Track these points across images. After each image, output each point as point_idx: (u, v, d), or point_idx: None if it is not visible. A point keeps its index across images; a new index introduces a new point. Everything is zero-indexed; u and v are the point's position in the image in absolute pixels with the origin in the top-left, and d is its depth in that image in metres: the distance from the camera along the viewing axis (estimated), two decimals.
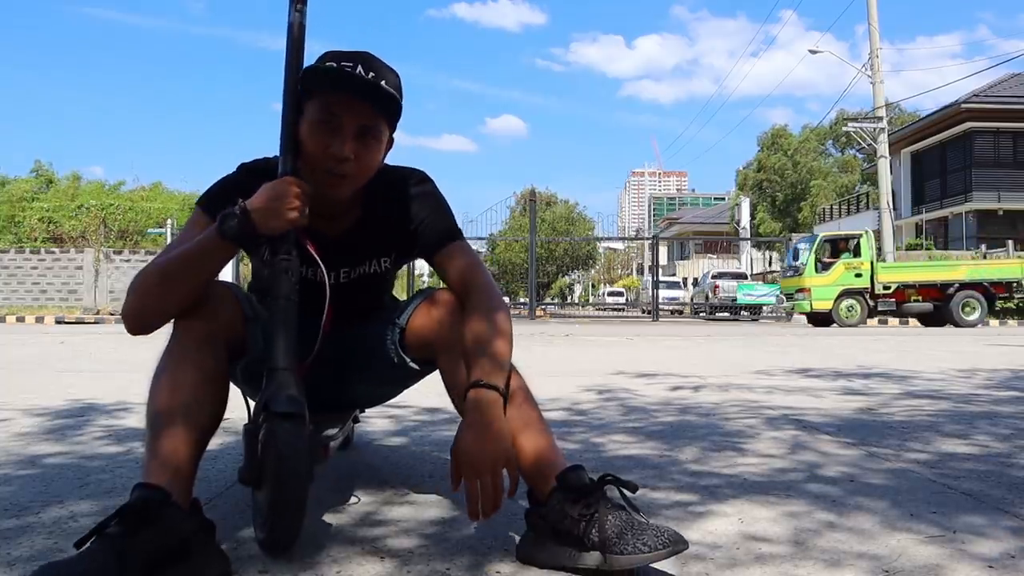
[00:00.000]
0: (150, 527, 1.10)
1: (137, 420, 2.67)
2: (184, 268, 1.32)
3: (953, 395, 3.53)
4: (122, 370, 4.85)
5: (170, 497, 1.15)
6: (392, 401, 1.89)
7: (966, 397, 3.46)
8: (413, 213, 1.53)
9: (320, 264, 1.43)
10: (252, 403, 1.36)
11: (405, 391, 1.78)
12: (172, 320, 1.36)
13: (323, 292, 1.44)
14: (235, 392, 1.58)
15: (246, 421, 1.29)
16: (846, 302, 15.20)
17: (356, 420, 2.02)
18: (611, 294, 42.24)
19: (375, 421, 2.61)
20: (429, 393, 1.78)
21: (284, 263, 1.31)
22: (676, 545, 1.17)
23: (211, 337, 1.34)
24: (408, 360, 1.53)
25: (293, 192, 1.30)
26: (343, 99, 1.37)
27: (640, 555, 1.16)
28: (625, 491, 1.26)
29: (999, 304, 16.28)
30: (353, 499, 1.64)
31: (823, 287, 15.23)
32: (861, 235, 15.77)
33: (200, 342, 1.33)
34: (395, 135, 1.49)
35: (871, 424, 2.68)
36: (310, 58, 1.42)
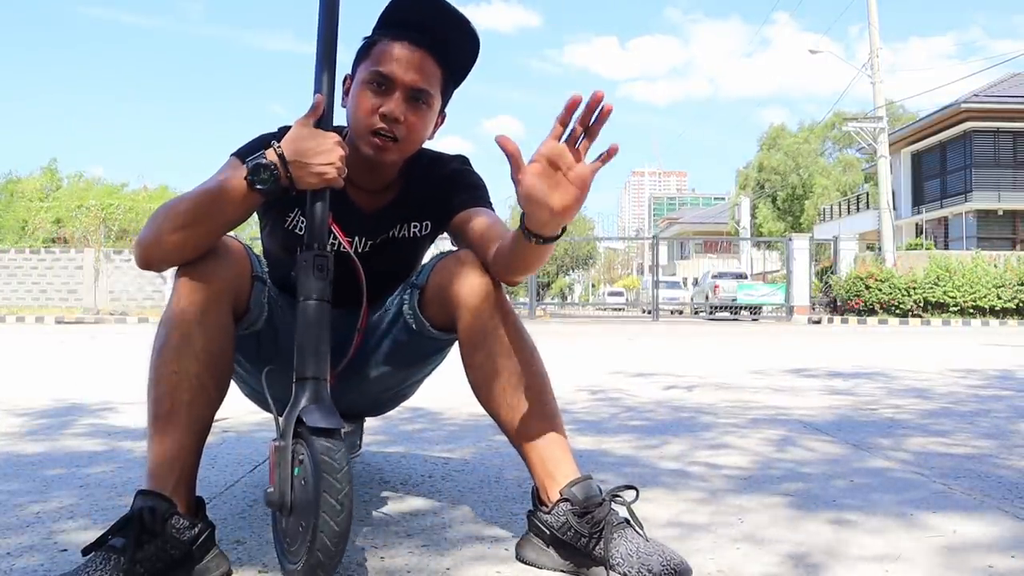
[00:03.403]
0: (154, 540, 1.09)
1: (128, 419, 2.67)
2: (201, 210, 1.21)
3: (949, 394, 3.53)
4: (120, 370, 4.85)
5: (175, 507, 1.14)
6: None
7: (962, 396, 3.46)
8: (449, 183, 1.49)
9: (357, 262, 1.36)
10: (264, 411, 1.28)
11: (406, 400, 1.75)
12: (175, 275, 1.25)
13: (345, 275, 1.34)
14: (231, 391, 1.57)
15: (274, 437, 1.16)
16: None
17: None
18: (611, 294, 42.21)
19: (368, 422, 2.61)
20: (417, 393, 1.77)
21: (319, 260, 1.19)
22: (681, 573, 1.15)
23: (216, 302, 1.24)
24: (427, 324, 1.40)
25: (337, 150, 1.20)
26: (396, 64, 1.34)
27: (650, 566, 1.14)
28: (631, 508, 1.23)
29: None
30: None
31: None
32: None
33: (204, 312, 1.22)
34: None
35: (869, 424, 2.68)
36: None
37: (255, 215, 1.39)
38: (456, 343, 1.40)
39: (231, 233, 1.31)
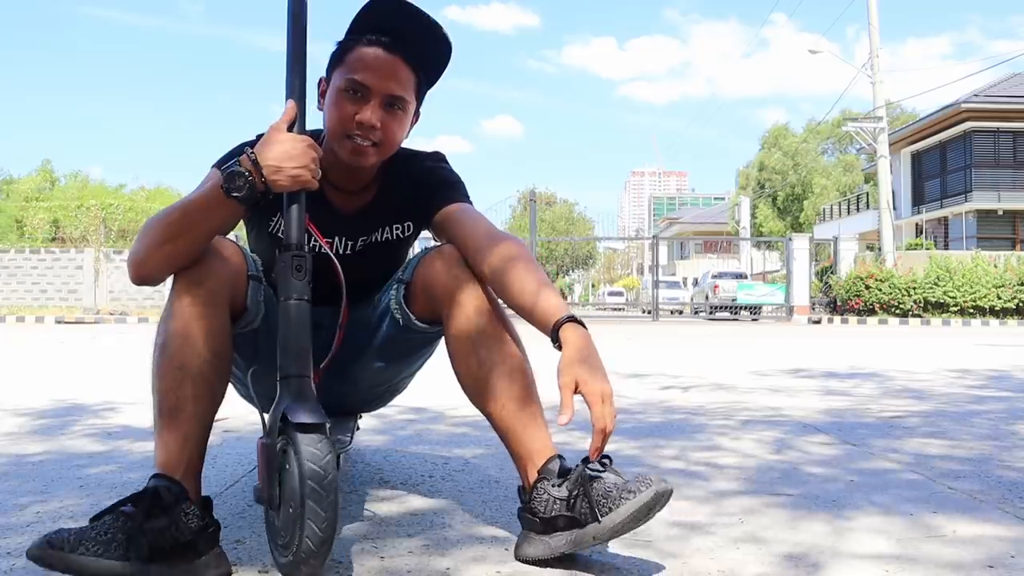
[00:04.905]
0: (164, 516, 1.12)
1: (128, 419, 2.67)
2: (182, 223, 1.25)
3: (948, 395, 3.53)
4: (120, 371, 4.85)
5: (186, 493, 1.17)
6: None
7: (961, 397, 3.46)
8: (426, 181, 1.51)
9: (335, 260, 1.39)
10: (257, 411, 1.29)
11: (398, 395, 1.77)
12: (172, 276, 1.29)
13: (328, 274, 1.39)
14: (230, 392, 1.57)
15: (261, 435, 1.20)
16: None
17: (357, 427, 1.99)
18: (611, 294, 42.24)
19: (365, 421, 2.61)
20: (416, 393, 1.77)
21: (297, 260, 1.22)
22: (660, 484, 1.17)
23: (214, 300, 1.27)
24: (413, 318, 1.44)
25: (310, 153, 1.23)
26: (371, 72, 1.37)
27: (628, 503, 1.16)
28: (605, 464, 1.26)
29: None
30: (352, 499, 1.64)
31: None
32: None
33: (203, 309, 1.26)
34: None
35: (868, 424, 2.68)
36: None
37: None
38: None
39: (231, 235, 1.34)
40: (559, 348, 1.26)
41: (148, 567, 1.09)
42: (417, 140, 1.58)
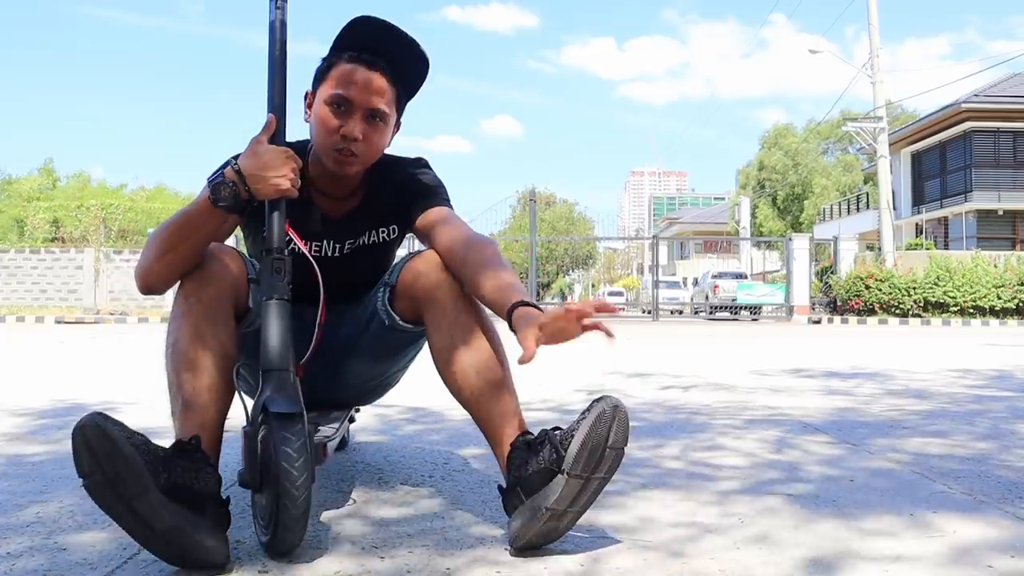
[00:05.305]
0: (187, 459, 1.19)
1: (128, 419, 2.67)
2: (179, 234, 1.36)
3: (948, 394, 3.53)
4: (120, 371, 4.85)
5: (210, 459, 1.25)
6: (378, 400, 1.91)
7: (961, 396, 3.46)
8: (409, 187, 1.62)
9: (313, 261, 1.47)
10: (248, 403, 1.36)
11: (392, 388, 1.84)
12: (178, 282, 1.40)
13: (325, 273, 1.48)
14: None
15: (244, 423, 1.29)
16: None
17: (352, 420, 2.02)
18: (611, 294, 42.23)
19: (366, 421, 2.61)
20: (414, 393, 1.78)
21: (277, 262, 1.32)
22: (605, 401, 1.24)
23: (220, 300, 1.38)
24: (397, 319, 1.56)
25: (290, 163, 1.32)
26: (354, 87, 1.46)
27: (581, 428, 1.23)
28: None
29: None
30: (352, 499, 1.64)
31: None
32: None
33: (210, 309, 1.36)
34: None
35: (868, 424, 2.68)
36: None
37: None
38: None
39: (230, 241, 1.42)
40: (514, 331, 1.31)
41: (160, 496, 1.12)
42: (416, 140, 1.65)
